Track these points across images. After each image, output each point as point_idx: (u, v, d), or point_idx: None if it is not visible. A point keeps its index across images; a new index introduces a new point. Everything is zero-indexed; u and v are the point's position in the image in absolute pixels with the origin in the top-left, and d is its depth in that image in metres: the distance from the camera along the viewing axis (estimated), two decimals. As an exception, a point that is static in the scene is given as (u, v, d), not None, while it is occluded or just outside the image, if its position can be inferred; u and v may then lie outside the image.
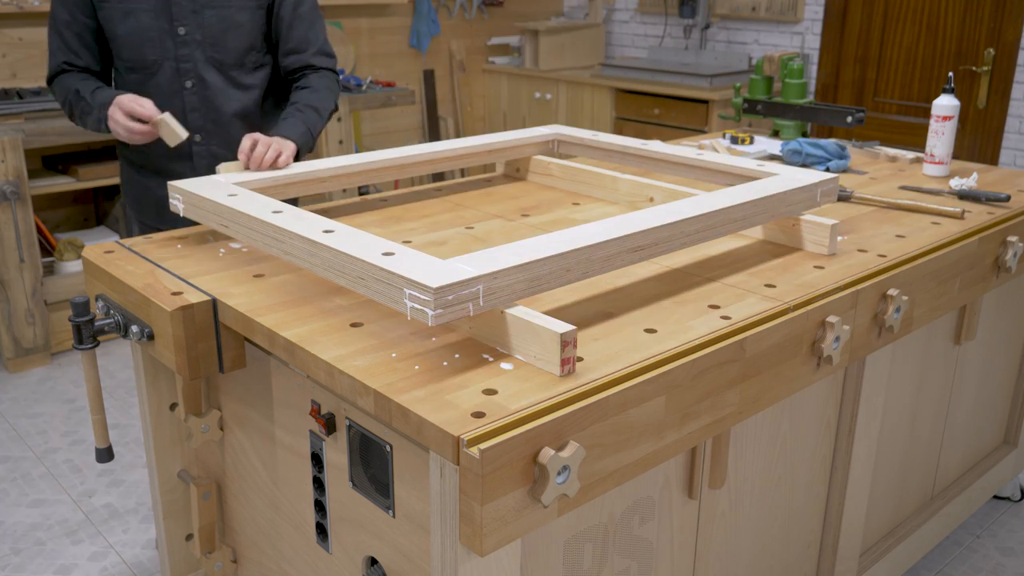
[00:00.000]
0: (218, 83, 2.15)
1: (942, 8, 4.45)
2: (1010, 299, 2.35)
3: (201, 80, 2.14)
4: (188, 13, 2.08)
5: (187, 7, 2.08)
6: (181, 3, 2.07)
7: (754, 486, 1.68)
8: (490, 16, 5.75)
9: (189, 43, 2.09)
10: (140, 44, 2.10)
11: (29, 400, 3.34)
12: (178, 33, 2.07)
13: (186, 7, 2.08)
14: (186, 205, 1.72)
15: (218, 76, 2.14)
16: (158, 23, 2.08)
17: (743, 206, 1.63)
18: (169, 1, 2.07)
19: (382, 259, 1.29)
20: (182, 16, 2.08)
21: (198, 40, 2.10)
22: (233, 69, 2.16)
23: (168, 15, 2.08)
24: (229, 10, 2.10)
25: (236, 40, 2.13)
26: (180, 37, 2.08)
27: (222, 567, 1.83)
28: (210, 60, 2.13)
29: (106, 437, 1.72)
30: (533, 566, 1.29)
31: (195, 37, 2.09)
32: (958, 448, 2.38)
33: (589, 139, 2.21)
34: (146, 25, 2.08)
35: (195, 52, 2.11)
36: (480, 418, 1.11)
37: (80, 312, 1.57)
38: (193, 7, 2.08)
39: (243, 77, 2.18)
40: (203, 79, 2.14)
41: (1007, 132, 4.34)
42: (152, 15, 2.08)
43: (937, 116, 2.37)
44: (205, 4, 2.09)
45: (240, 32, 2.13)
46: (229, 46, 2.13)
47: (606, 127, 5.19)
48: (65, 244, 3.75)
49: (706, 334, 1.37)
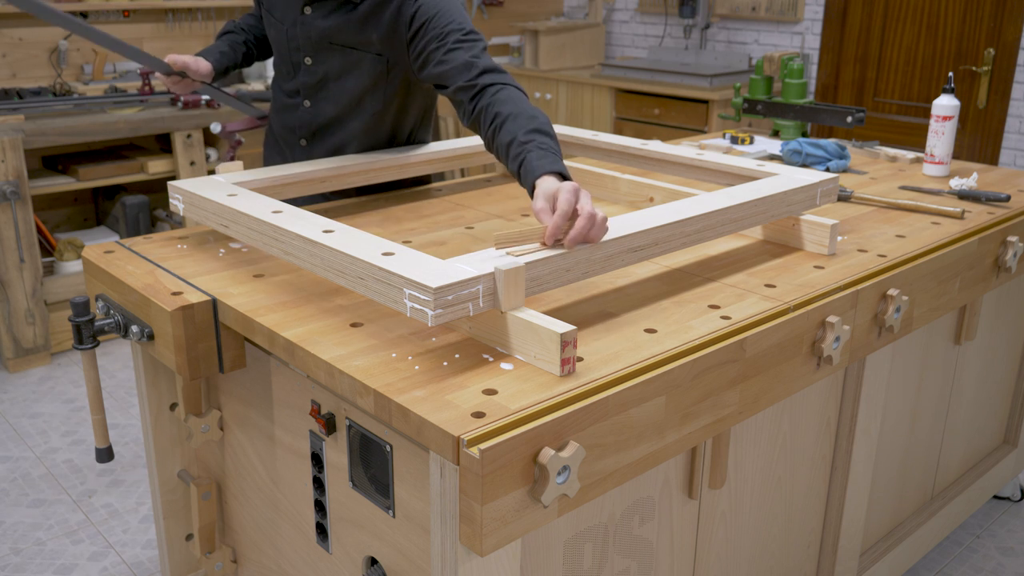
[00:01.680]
0: (327, 115, 2.06)
1: (942, 8, 4.45)
2: (1010, 299, 2.35)
3: (316, 106, 2.06)
4: (312, 47, 2.00)
5: (312, 41, 1.99)
6: (308, 36, 1.99)
7: (754, 486, 1.68)
8: (490, 16, 5.75)
9: (311, 73, 2.03)
10: (277, 56, 2.10)
11: (29, 400, 3.34)
12: (304, 63, 2.02)
13: (311, 41, 1.99)
14: (186, 205, 1.72)
15: (331, 108, 2.05)
16: (287, 46, 2.04)
17: (743, 206, 1.63)
18: (296, 30, 2.00)
19: (382, 259, 1.29)
20: (308, 47, 2.00)
21: (320, 74, 2.02)
22: (346, 107, 2.04)
23: (296, 42, 2.01)
24: (351, 56, 1.97)
25: (354, 83, 2.00)
26: (305, 66, 2.02)
27: (222, 567, 1.83)
28: (328, 95, 2.04)
29: (106, 437, 1.72)
30: (533, 566, 1.29)
31: (317, 70, 2.02)
32: (958, 448, 2.38)
33: (589, 139, 2.21)
34: (279, 43, 2.06)
35: (315, 82, 2.04)
36: (480, 418, 1.11)
37: (80, 312, 1.57)
38: (319, 43, 1.98)
39: (353, 116, 2.05)
40: (317, 107, 2.06)
41: (1007, 132, 4.34)
42: (284, 37, 2.03)
43: (937, 116, 2.37)
44: (328, 45, 1.98)
45: (359, 77, 1.99)
46: (347, 87, 2.01)
47: (606, 127, 5.19)
48: (65, 244, 3.75)
49: (706, 334, 1.37)
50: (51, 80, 4.08)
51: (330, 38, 1.96)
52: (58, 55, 4.07)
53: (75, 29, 1.86)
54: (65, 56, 4.08)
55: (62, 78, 4.09)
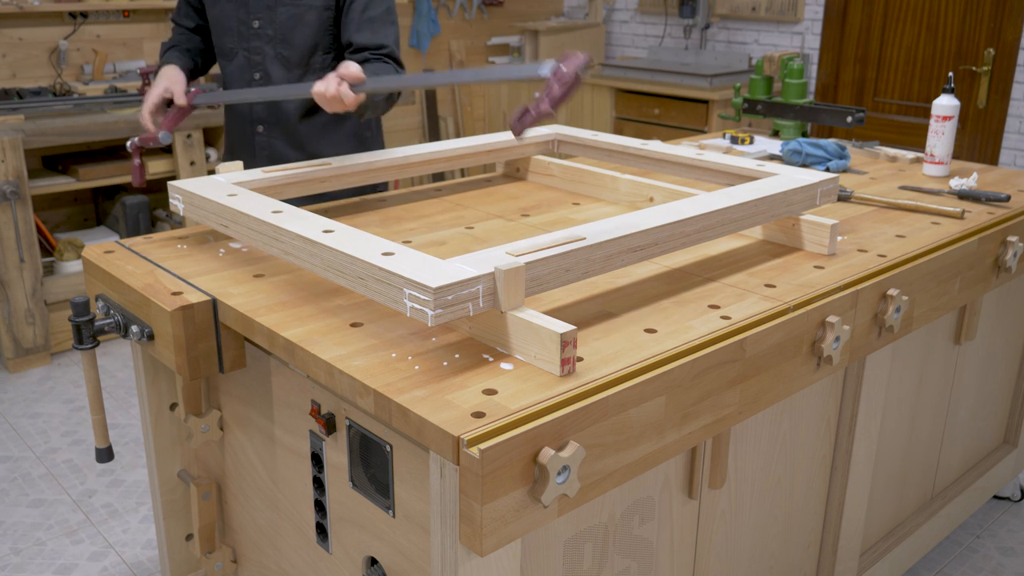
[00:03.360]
0: (282, 79, 2.18)
1: (942, 8, 4.45)
2: (1010, 299, 2.35)
3: (267, 75, 2.18)
4: (263, 7, 2.12)
5: (263, 1, 2.11)
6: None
7: (754, 486, 1.68)
8: (490, 16, 5.75)
9: (261, 36, 2.13)
10: (221, 31, 2.18)
11: (29, 400, 3.34)
12: (252, 26, 2.12)
13: (262, 1, 2.11)
14: (186, 205, 1.72)
15: (283, 72, 2.17)
16: (237, 13, 2.14)
17: (743, 206, 1.63)
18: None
19: (382, 259, 1.29)
20: (258, 9, 2.12)
21: (269, 35, 2.13)
22: (298, 67, 2.18)
23: (246, 7, 2.13)
24: (299, 8, 2.12)
25: (302, 38, 2.14)
26: (253, 30, 2.12)
27: (222, 567, 1.83)
28: (278, 56, 2.16)
29: (106, 437, 1.72)
30: (533, 566, 1.29)
31: (267, 32, 2.13)
32: (958, 448, 2.38)
33: (589, 139, 2.21)
34: (227, 14, 2.15)
35: (265, 46, 2.14)
36: (480, 418, 1.11)
37: (80, 312, 1.57)
38: (268, 2, 2.11)
39: (308, 77, 2.19)
40: (269, 74, 2.18)
41: (1007, 132, 4.34)
42: (233, 5, 2.13)
43: (937, 116, 2.37)
44: (279, 1, 2.11)
45: (307, 30, 2.14)
46: (295, 44, 2.14)
47: (606, 127, 5.19)
48: (65, 244, 3.75)
49: (706, 334, 1.37)
50: (51, 80, 4.08)
51: None
52: (58, 55, 4.07)
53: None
54: (65, 56, 4.08)
55: (62, 78, 4.09)
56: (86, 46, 4.17)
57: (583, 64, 1.33)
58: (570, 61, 1.34)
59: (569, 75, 1.32)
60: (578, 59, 1.34)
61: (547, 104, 1.32)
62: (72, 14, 4.06)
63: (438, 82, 1.76)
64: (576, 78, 1.33)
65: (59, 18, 4.05)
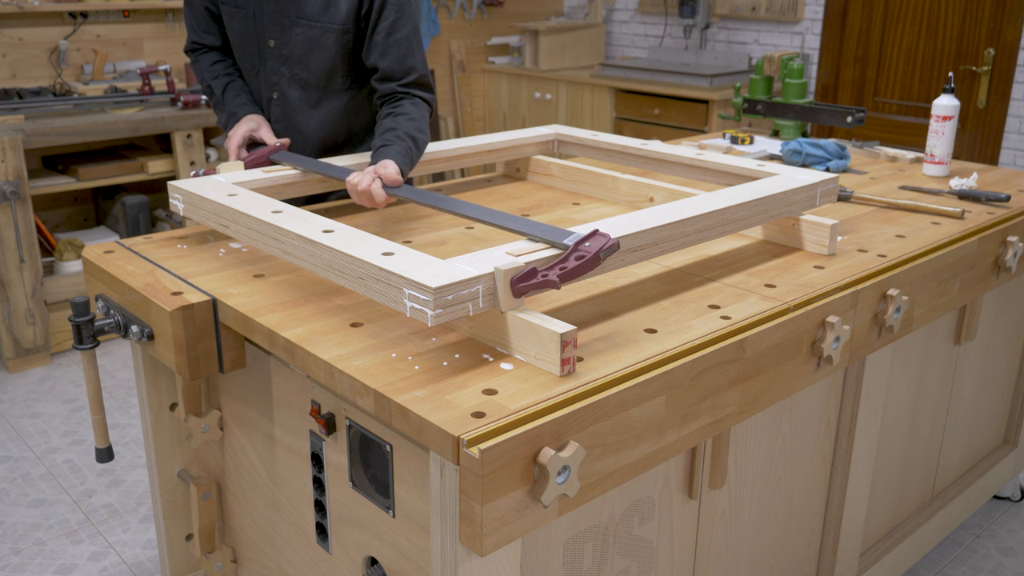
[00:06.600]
0: (298, 101, 2.12)
1: (942, 8, 4.45)
2: (1010, 299, 2.35)
3: (284, 95, 2.12)
4: (278, 27, 2.06)
5: (278, 21, 2.05)
6: (273, 17, 2.05)
7: (754, 486, 1.68)
8: (490, 16, 5.75)
9: (277, 56, 2.08)
10: (240, 48, 2.13)
11: (29, 400, 3.34)
12: (268, 45, 2.07)
13: (277, 21, 2.05)
14: (186, 205, 1.72)
15: (301, 94, 2.12)
16: (252, 32, 2.09)
17: (743, 206, 1.63)
18: (263, 13, 2.05)
19: (382, 259, 1.29)
20: (273, 29, 2.06)
21: (285, 55, 2.08)
22: (316, 90, 2.12)
23: (262, 26, 2.07)
24: (315, 30, 2.05)
25: (319, 61, 2.08)
26: (269, 49, 2.07)
27: (222, 567, 1.83)
28: (295, 77, 2.10)
29: (106, 437, 1.72)
30: (533, 566, 1.29)
31: (282, 52, 2.07)
32: (958, 448, 2.38)
33: (589, 139, 2.21)
34: (243, 32, 2.10)
35: (281, 67, 2.09)
36: (480, 418, 1.11)
37: (80, 312, 1.57)
38: (283, 22, 2.05)
39: (326, 100, 2.14)
40: (285, 94, 2.12)
41: (1007, 132, 4.34)
42: (250, 23, 2.08)
43: (937, 116, 2.37)
44: (294, 21, 2.05)
45: (324, 53, 2.07)
46: (312, 66, 2.08)
47: (606, 127, 5.19)
48: (65, 244, 3.75)
49: (706, 334, 1.37)
50: (51, 80, 4.08)
51: (296, 10, 2.02)
52: (58, 55, 4.07)
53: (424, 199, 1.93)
54: (65, 56, 4.08)
55: (62, 78, 4.09)
56: (86, 46, 4.17)
57: (609, 247, 1.29)
58: (596, 240, 1.29)
59: (590, 254, 1.28)
60: (606, 241, 1.29)
61: (556, 274, 1.25)
62: (72, 14, 4.06)
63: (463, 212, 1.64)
64: (596, 259, 1.27)
65: (59, 18, 4.05)
